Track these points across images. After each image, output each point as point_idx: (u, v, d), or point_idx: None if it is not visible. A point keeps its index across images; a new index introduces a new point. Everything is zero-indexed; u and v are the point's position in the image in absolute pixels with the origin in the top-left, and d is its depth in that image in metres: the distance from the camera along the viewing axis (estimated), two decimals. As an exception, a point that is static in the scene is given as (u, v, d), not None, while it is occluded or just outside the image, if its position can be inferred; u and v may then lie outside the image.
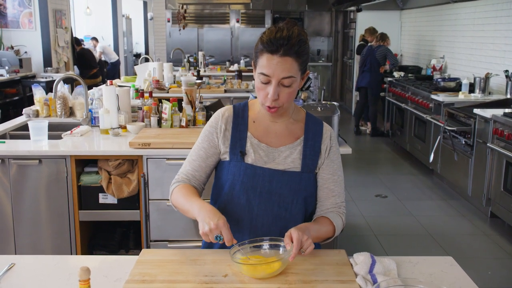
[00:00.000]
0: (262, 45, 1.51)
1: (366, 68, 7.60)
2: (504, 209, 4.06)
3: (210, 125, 1.68)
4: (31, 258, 1.59)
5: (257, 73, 1.54)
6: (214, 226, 1.42)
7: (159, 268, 1.46)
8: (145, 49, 15.11)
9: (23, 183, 2.88)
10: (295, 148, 1.64)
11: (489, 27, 5.63)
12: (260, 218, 1.61)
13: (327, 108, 3.00)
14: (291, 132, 1.66)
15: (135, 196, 2.95)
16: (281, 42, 1.48)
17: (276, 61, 1.49)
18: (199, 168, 1.68)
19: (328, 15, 10.98)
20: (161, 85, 5.29)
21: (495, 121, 4.17)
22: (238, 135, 1.64)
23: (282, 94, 1.53)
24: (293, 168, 1.61)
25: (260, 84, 1.54)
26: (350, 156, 3.26)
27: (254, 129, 1.66)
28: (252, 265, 1.41)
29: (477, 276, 3.16)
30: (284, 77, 1.50)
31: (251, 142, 1.63)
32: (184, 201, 1.58)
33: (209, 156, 1.67)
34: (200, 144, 1.68)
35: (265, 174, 1.60)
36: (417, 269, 1.51)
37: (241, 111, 1.68)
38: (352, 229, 4.12)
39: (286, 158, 1.62)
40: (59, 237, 2.95)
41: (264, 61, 1.51)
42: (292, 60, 1.50)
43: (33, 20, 8.32)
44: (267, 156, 1.62)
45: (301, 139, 1.65)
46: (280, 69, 1.49)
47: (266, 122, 1.67)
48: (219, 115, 1.68)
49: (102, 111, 3.21)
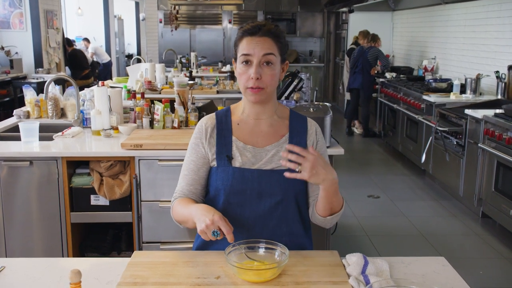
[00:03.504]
0: (242, 32, 1.60)
1: (358, 69, 7.62)
2: (495, 209, 4.08)
3: (195, 137, 1.69)
4: (22, 260, 1.57)
5: (238, 57, 1.59)
6: (210, 222, 1.42)
7: (151, 270, 1.45)
8: (137, 50, 15.06)
9: (13, 185, 2.85)
10: (281, 146, 1.64)
11: (480, 28, 5.66)
12: (252, 219, 1.61)
13: (320, 109, 3.00)
14: (276, 130, 1.67)
15: (127, 198, 2.93)
16: (260, 26, 1.58)
17: (256, 40, 1.56)
18: (192, 181, 1.67)
19: (320, 16, 11.00)
20: (153, 86, 5.27)
21: (486, 121, 4.19)
22: (223, 140, 1.65)
23: (265, 75, 1.56)
24: (280, 166, 1.61)
25: (241, 67, 1.58)
26: (342, 157, 3.27)
27: (239, 132, 1.66)
28: (247, 269, 1.40)
29: (468, 276, 3.17)
30: (265, 53, 1.55)
31: (236, 145, 1.64)
32: (183, 210, 1.59)
33: (200, 168, 1.67)
34: (189, 158, 1.69)
35: (254, 176, 1.60)
36: (409, 270, 1.51)
37: (223, 117, 1.69)
38: (345, 229, 4.13)
39: (273, 157, 1.63)
40: (51, 239, 2.93)
41: (244, 44, 1.58)
42: (271, 40, 1.57)
43: (24, 20, 8.26)
44: (254, 157, 1.62)
45: (286, 137, 1.66)
46: (260, 47, 1.55)
47: (251, 123, 1.67)
48: (201, 124, 1.69)
49: (94, 112, 3.20)
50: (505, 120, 3.95)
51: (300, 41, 11.21)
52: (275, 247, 1.50)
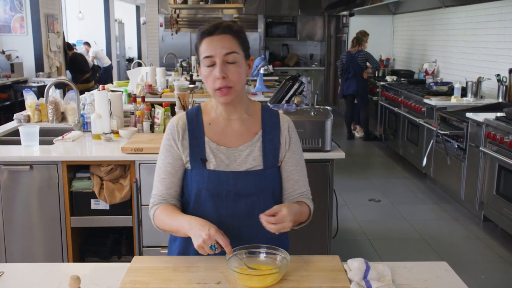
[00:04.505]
0: (200, 34, 1.57)
1: (350, 75, 7.61)
2: (497, 212, 4.07)
3: (167, 138, 1.65)
4: (21, 266, 1.57)
5: (201, 60, 1.57)
6: (207, 237, 1.40)
7: (151, 276, 1.44)
8: (138, 54, 15.08)
9: (14, 189, 2.85)
10: (255, 145, 1.63)
11: (481, 32, 5.66)
12: (230, 221, 1.58)
13: (320, 112, 2.99)
14: (248, 128, 1.65)
15: (127, 202, 2.92)
16: (217, 25, 1.56)
17: (215, 40, 1.54)
18: (171, 184, 1.64)
19: (321, 19, 11.00)
20: (153, 90, 5.26)
21: (488, 125, 4.18)
22: (196, 142, 1.62)
23: (230, 73, 1.54)
24: (255, 166, 1.61)
25: (206, 70, 1.56)
26: (343, 161, 3.25)
27: (211, 132, 1.64)
28: (248, 275, 1.39)
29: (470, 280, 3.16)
30: (227, 52, 1.53)
31: (209, 147, 1.61)
32: (171, 221, 1.56)
33: (178, 170, 1.64)
34: (165, 160, 1.65)
35: (229, 178, 1.59)
36: (411, 275, 1.50)
37: (194, 116, 1.66)
38: (346, 233, 4.11)
39: (247, 157, 1.61)
40: (51, 244, 2.92)
41: (204, 45, 1.55)
42: (230, 37, 1.55)
43: (25, 24, 8.27)
44: (228, 159, 1.61)
45: (259, 135, 1.64)
46: (220, 46, 1.53)
47: (222, 122, 1.65)
48: (173, 125, 1.65)
49: (94, 116, 3.19)
50: (506, 123, 3.94)
51: (301, 45, 11.21)
52: (276, 252, 1.48)
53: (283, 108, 3.03)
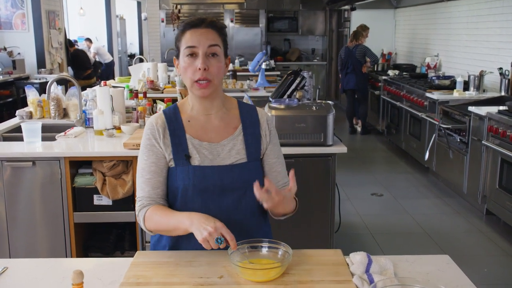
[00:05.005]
0: (184, 25, 1.58)
1: (349, 70, 7.61)
2: (500, 206, 4.06)
3: (148, 138, 1.63)
4: (25, 261, 1.57)
5: (182, 51, 1.56)
6: (213, 229, 1.40)
7: (154, 270, 1.45)
8: (139, 50, 15.06)
9: (17, 185, 2.86)
10: (237, 139, 1.64)
11: (483, 25, 5.64)
12: (218, 215, 1.55)
13: (322, 107, 2.99)
14: (227, 123, 1.66)
15: (130, 197, 2.93)
16: (202, 19, 1.58)
17: (200, 32, 1.55)
18: (158, 184, 1.61)
19: (322, 14, 10.97)
20: (155, 86, 5.27)
21: (490, 118, 4.18)
22: (177, 139, 1.61)
23: (212, 67, 1.54)
24: (239, 159, 1.61)
25: (186, 60, 1.55)
26: (345, 155, 3.25)
27: (191, 129, 1.63)
28: (251, 269, 1.40)
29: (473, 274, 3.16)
30: (210, 44, 1.54)
31: (192, 143, 1.61)
32: (167, 220, 1.53)
33: (162, 168, 1.62)
34: (148, 160, 1.62)
35: (214, 173, 1.58)
36: (413, 268, 1.50)
37: (172, 114, 1.65)
38: (348, 228, 4.12)
39: (231, 150, 1.62)
40: (54, 240, 2.94)
41: (187, 36, 1.56)
42: (215, 32, 1.57)
43: (26, 21, 8.27)
44: (211, 154, 1.60)
45: (239, 129, 1.65)
46: (205, 37, 1.54)
47: (201, 119, 1.64)
48: (152, 124, 1.63)
49: (96, 112, 3.19)
50: (508, 117, 3.93)
51: (302, 39, 11.19)
52: (278, 246, 1.49)
53: (284, 103, 3.03)
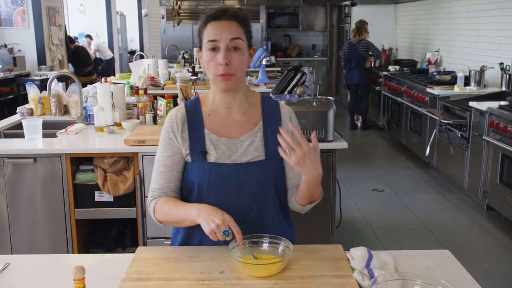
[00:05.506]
0: (206, 17, 1.54)
1: (353, 65, 7.59)
2: (500, 201, 4.07)
3: (166, 131, 1.62)
4: (26, 257, 1.58)
5: (204, 44, 1.54)
6: (221, 221, 1.39)
7: (155, 266, 1.45)
8: (140, 46, 15.05)
9: (18, 182, 2.86)
10: (256, 135, 1.61)
11: (484, 20, 5.62)
12: (233, 213, 1.55)
13: (323, 103, 2.99)
14: (248, 118, 1.63)
15: (131, 194, 2.94)
16: (224, 10, 1.54)
17: (221, 24, 1.51)
18: (171, 177, 1.61)
19: (323, 9, 10.95)
20: (156, 82, 5.26)
21: (491, 113, 4.17)
22: (195, 134, 1.59)
23: (234, 60, 1.51)
24: (257, 157, 1.59)
25: (209, 54, 1.53)
26: (346, 151, 3.26)
27: (210, 123, 1.61)
28: (252, 264, 1.40)
29: (473, 269, 3.17)
30: (232, 38, 1.51)
31: (210, 138, 1.59)
32: (176, 211, 1.54)
33: (178, 163, 1.61)
34: (164, 153, 1.61)
35: (230, 170, 1.57)
36: (414, 263, 1.51)
37: (193, 108, 1.63)
38: (349, 223, 4.12)
39: (249, 147, 1.59)
40: (55, 236, 2.94)
41: (209, 29, 1.52)
42: (237, 24, 1.53)
43: (26, 18, 8.26)
44: (229, 150, 1.58)
45: (260, 125, 1.62)
46: (227, 31, 1.51)
47: (222, 112, 1.62)
48: (172, 117, 1.62)
49: (97, 108, 3.20)
50: (509, 112, 3.93)
51: (303, 35, 11.17)
52: (279, 242, 1.49)
53: (285, 98, 3.03)
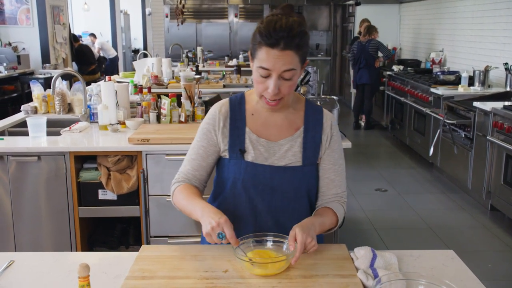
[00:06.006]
0: (261, 38, 1.44)
1: (362, 65, 7.58)
2: (504, 202, 4.06)
3: (208, 122, 1.62)
4: (31, 255, 1.58)
5: (255, 66, 1.48)
6: (216, 224, 1.40)
7: (159, 264, 1.45)
8: (144, 45, 15.05)
9: (22, 180, 2.87)
10: (295, 141, 1.60)
11: (488, 20, 5.61)
12: (265, 214, 1.58)
13: (327, 102, 2.99)
14: (290, 122, 1.61)
15: (134, 192, 2.94)
16: (281, 35, 1.41)
17: (276, 54, 1.42)
18: (199, 167, 1.63)
19: (327, 9, 10.94)
20: (159, 81, 5.27)
21: (495, 114, 4.16)
22: (236, 132, 1.59)
23: (283, 88, 1.48)
24: (294, 162, 1.58)
25: (259, 77, 1.48)
26: (349, 151, 3.25)
27: (252, 122, 1.61)
28: (255, 263, 1.40)
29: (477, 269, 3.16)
30: (285, 70, 1.44)
31: (250, 138, 1.58)
32: (186, 203, 1.56)
33: (210, 155, 1.62)
34: (199, 142, 1.63)
35: (266, 172, 1.57)
36: (418, 263, 1.50)
37: (237, 104, 1.63)
38: (353, 223, 4.12)
39: (287, 152, 1.58)
40: (59, 234, 2.95)
41: (263, 54, 1.44)
42: (292, 53, 1.43)
43: (31, 16, 8.28)
44: (267, 152, 1.58)
45: (301, 130, 1.61)
46: (281, 62, 1.43)
47: (265, 114, 1.61)
48: (215, 111, 1.62)
49: (101, 107, 3.20)
50: (514, 112, 3.92)
51: (307, 35, 11.15)
52: (283, 240, 1.49)
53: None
